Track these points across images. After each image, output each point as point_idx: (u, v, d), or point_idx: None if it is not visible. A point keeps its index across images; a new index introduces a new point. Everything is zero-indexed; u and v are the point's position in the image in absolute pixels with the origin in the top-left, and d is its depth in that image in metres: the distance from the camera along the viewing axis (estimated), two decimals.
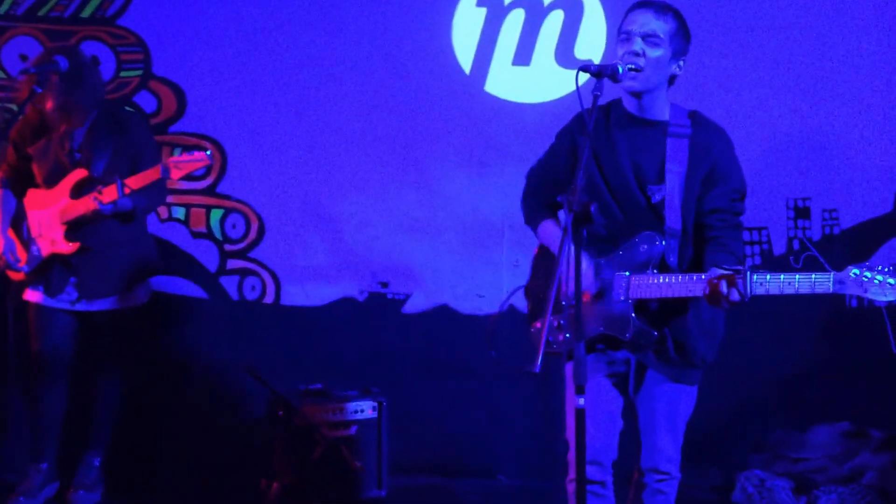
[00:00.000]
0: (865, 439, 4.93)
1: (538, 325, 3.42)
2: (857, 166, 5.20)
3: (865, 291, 2.97)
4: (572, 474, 3.32)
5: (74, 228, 4.47)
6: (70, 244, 4.45)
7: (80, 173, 4.46)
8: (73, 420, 4.68)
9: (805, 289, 3.05)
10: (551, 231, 3.49)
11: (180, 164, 4.25)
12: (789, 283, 3.06)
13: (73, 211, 4.43)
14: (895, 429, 4.98)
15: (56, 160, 4.51)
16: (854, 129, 5.18)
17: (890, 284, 2.96)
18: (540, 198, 3.55)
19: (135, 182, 4.29)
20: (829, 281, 3.01)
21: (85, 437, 4.69)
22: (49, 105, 4.42)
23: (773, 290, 3.08)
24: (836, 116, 5.18)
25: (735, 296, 3.09)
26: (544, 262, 3.52)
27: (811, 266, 5.10)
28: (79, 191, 4.45)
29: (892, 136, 5.18)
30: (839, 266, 3.04)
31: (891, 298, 2.97)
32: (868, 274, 2.97)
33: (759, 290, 3.09)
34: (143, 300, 4.67)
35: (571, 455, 3.30)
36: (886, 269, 2.97)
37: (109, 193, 4.31)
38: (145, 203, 4.51)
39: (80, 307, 4.53)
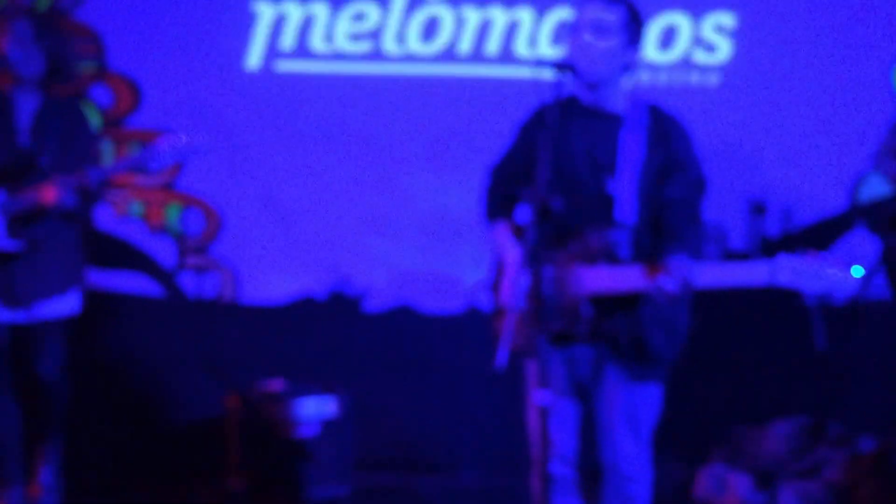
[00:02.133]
0: (824, 434, 4.99)
1: (502, 320, 3.42)
2: (812, 165, 5.27)
3: (798, 281, 3.01)
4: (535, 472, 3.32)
5: (17, 224, 4.10)
6: (14, 241, 4.10)
7: (24, 161, 4.13)
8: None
9: (742, 278, 3.08)
10: (502, 234, 3.46)
11: (161, 153, 3.95)
12: (727, 273, 3.10)
13: (19, 203, 4.07)
14: (852, 423, 5.04)
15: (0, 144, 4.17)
16: (809, 127, 5.24)
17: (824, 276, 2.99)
18: (500, 194, 3.54)
19: (108, 171, 4.03)
20: (764, 271, 3.05)
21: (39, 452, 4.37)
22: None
23: (709, 281, 3.10)
24: (791, 115, 5.24)
25: (669, 286, 3.10)
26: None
27: None
28: (21, 181, 4.10)
29: (846, 136, 5.25)
30: None
31: (821, 291, 3.01)
32: (802, 265, 3.01)
33: (699, 283, 3.10)
34: (78, 311, 4.31)
35: (535, 453, 3.30)
36: (821, 257, 3.00)
37: (77, 182, 3.99)
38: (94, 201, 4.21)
39: (18, 318, 4.17)
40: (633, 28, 3.34)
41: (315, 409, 4.55)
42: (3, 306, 4.17)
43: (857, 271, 2.96)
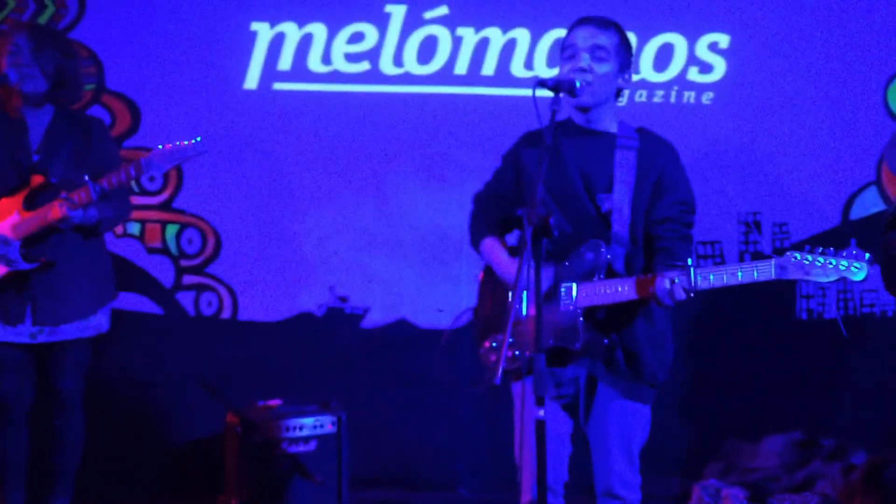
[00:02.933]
0: (817, 448, 5.01)
1: (487, 344, 3.44)
2: (806, 181, 5.31)
3: (808, 274, 3.01)
4: (524, 498, 3.32)
5: (31, 245, 4.07)
6: (30, 262, 4.07)
7: (36, 179, 4.09)
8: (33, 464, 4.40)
9: (748, 278, 3.07)
10: (493, 247, 3.50)
11: (165, 155, 3.87)
12: (732, 274, 3.08)
13: (31, 223, 4.04)
14: (844, 437, 5.07)
15: (11, 161, 4.12)
16: (802, 144, 5.28)
17: (831, 265, 3.00)
18: (486, 219, 3.57)
19: (109, 181, 3.90)
20: (770, 267, 3.04)
21: (48, 483, 4.33)
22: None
23: (717, 283, 3.10)
24: (785, 132, 5.28)
25: (679, 292, 3.12)
26: (491, 284, 3.53)
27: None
28: (34, 200, 4.08)
29: (838, 152, 5.30)
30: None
31: (833, 278, 3.01)
32: (809, 257, 3.02)
33: (703, 285, 3.11)
34: (106, 328, 4.33)
35: (522, 478, 3.30)
36: (826, 251, 3.02)
37: (80, 196, 3.92)
38: (111, 214, 4.15)
39: (41, 339, 4.13)
40: (625, 51, 3.40)
41: (312, 425, 4.57)
42: (25, 327, 4.13)
43: (867, 257, 3.00)
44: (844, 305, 5.33)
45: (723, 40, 5.22)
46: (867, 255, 3.00)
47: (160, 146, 3.95)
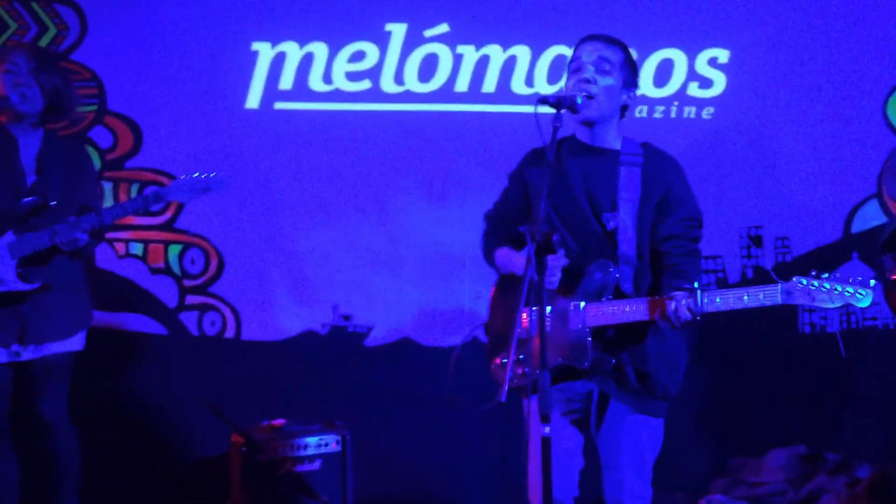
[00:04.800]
0: (821, 462, 5.01)
1: (498, 360, 3.44)
2: (807, 195, 5.32)
3: (813, 300, 3.04)
4: None
5: (26, 265, 4.04)
6: (28, 283, 4.05)
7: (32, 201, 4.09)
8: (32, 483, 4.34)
9: (754, 302, 3.09)
10: (507, 254, 3.52)
11: (183, 187, 4.01)
12: (739, 298, 3.10)
13: (28, 244, 4.03)
14: (849, 451, 5.07)
15: (5, 181, 4.11)
16: (802, 158, 5.30)
17: (837, 292, 3.02)
18: (497, 236, 3.59)
19: (118, 212, 4.01)
20: (777, 293, 3.07)
21: (55, 496, 4.28)
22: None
23: (724, 307, 3.13)
24: (787, 146, 5.30)
25: (685, 313, 3.13)
26: (503, 299, 3.54)
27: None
28: (29, 220, 4.05)
29: (840, 166, 5.31)
30: None
31: (838, 304, 3.04)
32: (815, 283, 3.03)
33: (710, 307, 3.13)
34: (81, 347, 4.28)
35: (531, 496, 3.30)
36: (832, 276, 3.04)
37: (88, 221, 3.98)
38: (93, 241, 4.18)
39: (25, 356, 4.12)
40: (630, 69, 3.41)
41: (316, 444, 4.56)
42: (12, 347, 4.11)
43: (871, 284, 3.01)
44: (847, 319, 5.33)
45: (722, 55, 5.24)
46: (872, 281, 3.01)
47: (182, 176, 4.09)
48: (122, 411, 5.09)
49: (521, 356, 3.29)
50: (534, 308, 2.95)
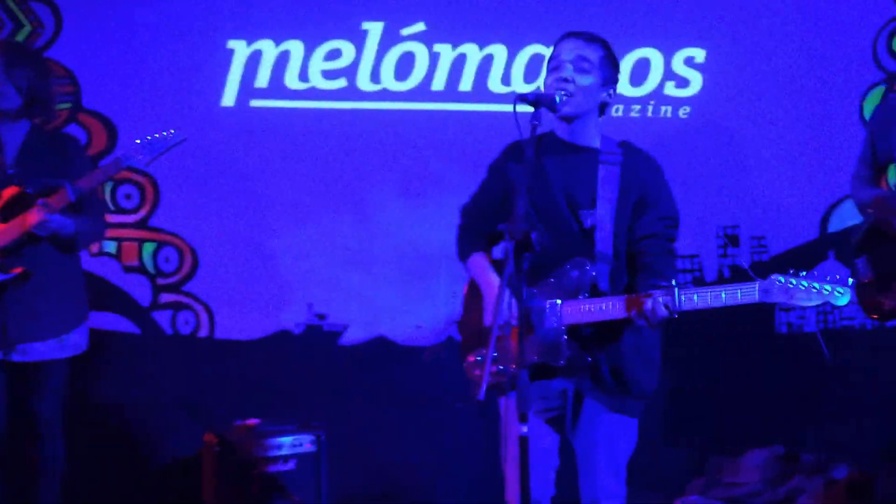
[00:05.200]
0: (798, 463, 5.02)
1: (471, 358, 3.43)
2: (784, 194, 5.33)
3: (791, 298, 3.03)
4: None
5: (6, 255, 3.99)
6: (6, 272, 3.99)
7: (11, 190, 4.04)
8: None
9: (732, 300, 3.08)
10: (479, 264, 3.50)
11: (142, 147, 3.96)
12: (716, 296, 3.09)
13: (9, 232, 3.99)
14: (826, 451, 5.07)
15: None
16: (779, 158, 5.31)
17: (815, 290, 3.01)
18: (474, 232, 3.57)
19: (87, 182, 3.96)
20: (755, 291, 3.05)
21: None
22: None
23: (701, 304, 3.11)
24: (764, 146, 5.31)
25: (662, 311, 3.12)
26: (476, 297, 3.52)
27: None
28: (10, 211, 4.00)
29: (817, 166, 5.33)
30: None
31: (816, 303, 3.03)
32: (793, 280, 3.03)
33: (687, 305, 3.12)
34: (85, 348, 4.25)
35: (509, 495, 3.29)
36: (810, 274, 3.03)
37: (57, 199, 3.93)
38: (87, 228, 4.12)
39: (15, 358, 4.06)
40: (610, 66, 3.40)
41: (291, 444, 4.54)
42: None
43: (850, 282, 3.00)
44: (824, 318, 5.34)
45: (699, 55, 5.24)
46: (850, 279, 3.01)
47: (137, 140, 4.04)
48: (94, 411, 5.05)
49: (496, 354, 3.27)
50: (509, 305, 2.94)
